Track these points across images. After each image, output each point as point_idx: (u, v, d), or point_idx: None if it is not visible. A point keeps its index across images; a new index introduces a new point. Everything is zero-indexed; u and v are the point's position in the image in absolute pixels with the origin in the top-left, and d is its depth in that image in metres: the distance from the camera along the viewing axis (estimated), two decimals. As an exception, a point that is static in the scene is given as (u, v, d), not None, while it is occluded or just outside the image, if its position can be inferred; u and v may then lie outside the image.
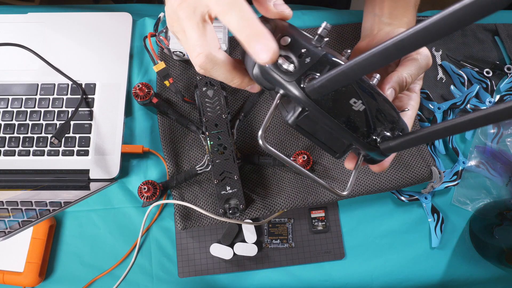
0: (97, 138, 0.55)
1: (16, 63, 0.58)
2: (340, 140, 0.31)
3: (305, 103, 0.28)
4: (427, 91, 0.60)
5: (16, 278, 0.49)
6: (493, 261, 0.54)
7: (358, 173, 0.53)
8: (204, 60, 0.29)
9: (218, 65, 0.30)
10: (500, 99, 0.60)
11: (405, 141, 0.28)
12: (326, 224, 0.54)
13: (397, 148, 0.29)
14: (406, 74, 0.38)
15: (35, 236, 0.50)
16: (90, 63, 0.58)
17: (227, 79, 0.31)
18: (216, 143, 0.51)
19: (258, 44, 0.26)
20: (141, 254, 0.53)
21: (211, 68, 0.30)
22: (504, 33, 0.65)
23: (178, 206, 0.52)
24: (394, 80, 0.37)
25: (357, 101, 0.29)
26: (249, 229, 0.53)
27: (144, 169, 0.56)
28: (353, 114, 0.29)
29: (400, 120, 0.33)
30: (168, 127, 0.56)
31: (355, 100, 0.29)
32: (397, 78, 0.37)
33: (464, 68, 0.62)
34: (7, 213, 0.41)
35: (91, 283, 0.51)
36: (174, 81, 0.57)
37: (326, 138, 0.31)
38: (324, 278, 0.53)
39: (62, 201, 0.44)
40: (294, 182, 0.54)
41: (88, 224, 0.53)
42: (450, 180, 0.57)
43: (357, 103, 0.29)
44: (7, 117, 0.55)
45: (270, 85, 0.29)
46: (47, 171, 0.53)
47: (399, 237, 0.55)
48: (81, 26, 0.60)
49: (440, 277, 0.54)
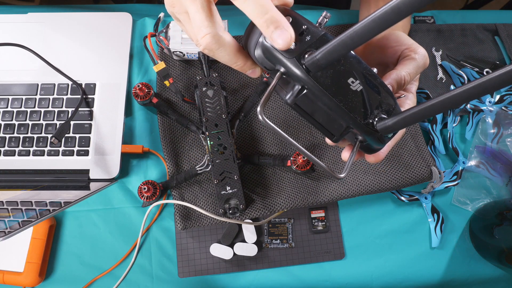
0: (97, 138, 0.55)
1: (16, 63, 0.58)
2: (337, 121, 0.31)
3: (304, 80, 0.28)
4: (427, 91, 0.60)
5: (16, 278, 0.49)
6: (493, 261, 0.54)
7: (360, 172, 0.54)
8: (211, 40, 0.29)
9: (224, 46, 0.30)
10: (500, 99, 0.60)
11: (402, 119, 0.28)
12: (326, 224, 0.54)
13: (395, 127, 0.29)
14: (404, 73, 0.38)
15: (35, 236, 0.50)
16: (90, 63, 0.58)
17: (231, 60, 0.31)
18: (216, 143, 0.51)
19: (277, 30, 0.27)
20: (141, 254, 0.53)
21: (216, 49, 0.30)
22: (504, 33, 0.65)
23: (178, 206, 0.52)
24: (393, 78, 0.37)
25: (354, 81, 0.29)
26: (249, 229, 0.53)
27: (144, 169, 0.56)
28: (351, 94, 0.29)
29: (397, 106, 0.33)
30: (168, 127, 0.56)
31: (352, 80, 0.29)
32: (395, 76, 0.37)
33: (464, 68, 0.62)
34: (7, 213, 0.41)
35: (91, 283, 0.51)
36: (174, 81, 0.57)
37: (324, 119, 0.31)
38: (324, 278, 0.53)
39: (62, 201, 0.44)
40: (294, 182, 0.54)
41: (88, 224, 0.53)
42: (450, 180, 0.57)
43: (355, 83, 0.30)
44: (7, 117, 0.55)
45: (271, 64, 0.30)
46: (47, 171, 0.53)
47: (399, 237, 0.55)
48: (81, 26, 0.60)
49: (440, 277, 0.54)
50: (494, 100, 0.60)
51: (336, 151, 0.56)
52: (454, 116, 0.60)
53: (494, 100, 0.60)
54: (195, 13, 0.29)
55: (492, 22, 0.67)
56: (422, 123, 0.59)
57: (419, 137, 0.56)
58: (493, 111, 0.59)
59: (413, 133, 0.57)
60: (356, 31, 0.23)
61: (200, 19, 0.29)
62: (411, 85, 0.42)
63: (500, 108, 0.60)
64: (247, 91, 0.59)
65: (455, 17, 0.68)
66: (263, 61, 0.30)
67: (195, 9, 0.29)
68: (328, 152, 0.56)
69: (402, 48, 0.41)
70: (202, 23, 0.29)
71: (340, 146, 0.34)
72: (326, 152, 0.56)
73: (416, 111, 0.26)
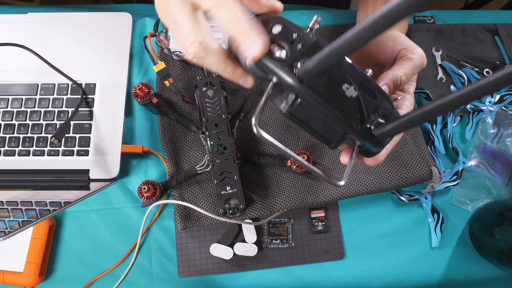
0: (97, 138, 0.55)
1: (16, 63, 0.58)
2: (334, 128, 0.30)
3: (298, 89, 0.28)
4: (427, 91, 0.60)
5: (16, 278, 0.49)
6: (493, 261, 0.54)
7: (360, 172, 0.54)
8: (197, 47, 0.29)
9: (212, 53, 0.30)
10: (500, 99, 0.60)
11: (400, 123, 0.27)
12: (326, 224, 0.54)
13: (392, 132, 0.29)
14: (400, 73, 0.38)
15: (35, 236, 0.50)
16: (90, 63, 0.58)
17: (220, 68, 0.31)
18: (216, 143, 0.51)
19: (248, 40, 0.27)
20: (141, 254, 0.53)
21: (204, 56, 0.30)
22: (504, 33, 0.65)
23: (178, 206, 0.52)
24: (389, 78, 0.37)
25: (349, 86, 0.29)
26: (249, 229, 0.53)
27: (144, 169, 0.56)
28: (346, 100, 0.29)
29: (394, 109, 0.32)
30: (168, 127, 0.56)
31: (347, 86, 0.29)
32: (391, 76, 0.37)
33: (464, 68, 0.62)
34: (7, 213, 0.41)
35: (91, 283, 0.51)
36: (174, 81, 0.57)
37: (320, 127, 0.31)
38: (324, 278, 0.53)
39: (62, 201, 0.44)
40: (294, 182, 0.54)
41: (88, 224, 0.53)
42: (450, 180, 0.57)
43: (350, 89, 0.29)
44: (7, 117, 0.55)
45: (263, 74, 0.29)
46: (47, 171, 0.53)
47: (399, 237, 0.55)
48: (81, 26, 0.60)
49: (440, 277, 0.54)
50: (494, 100, 0.60)
51: (335, 152, 0.56)
52: (454, 116, 0.60)
53: (494, 100, 0.60)
54: (182, 21, 0.29)
55: (492, 22, 0.66)
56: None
57: (419, 137, 0.56)
58: (493, 111, 0.59)
59: (413, 133, 0.57)
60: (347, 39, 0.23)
61: (188, 27, 0.29)
62: (408, 85, 0.41)
63: (500, 108, 0.60)
64: (247, 91, 0.59)
65: (455, 17, 0.68)
66: (255, 71, 0.29)
67: (183, 18, 0.29)
68: (327, 153, 0.56)
69: (399, 48, 0.41)
70: (189, 30, 0.29)
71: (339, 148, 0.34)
72: (326, 153, 0.56)
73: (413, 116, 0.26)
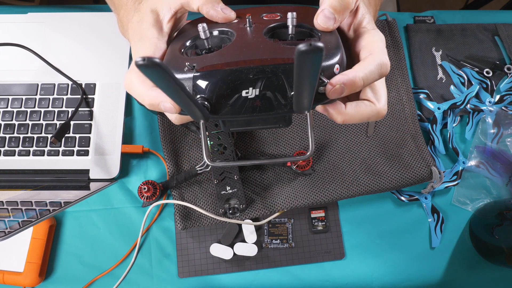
0: (97, 138, 0.55)
1: (16, 63, 0.58)
2: (270, 119, 0.32)
3: (212, 120, 0.29)
4: (427, 91, 0.60)
5: (16, 278, 0.49)
6: (493, 261, 0.54)
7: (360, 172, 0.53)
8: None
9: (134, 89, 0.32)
10: (500, 99, 0.60)
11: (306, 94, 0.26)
12: (326, 224, 0.54)
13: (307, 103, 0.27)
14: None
15: (35, 236, 0.50)
16: (90, 63, 0.58)
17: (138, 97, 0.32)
18: (216, 143, 0.51)
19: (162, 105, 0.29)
20: (141, 254, 0.53)
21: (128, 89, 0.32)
22: (504, 33, 0.65)
23: (178, 206, 0.52)
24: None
25: (249, 90, 0.28)
26: (249, 229, 0.53)
27: (144, 169, 0.56)
28: (256, 99, 0.28)
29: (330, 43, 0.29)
30: (168, 127, 0.56)
31: (246, 90, 0.28)
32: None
33: (464, 68, 0.62)
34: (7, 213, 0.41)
35: (91, 283, 0.51)
36: (174, 81, 0.56)
37: (260, 123, 0.32)
38: (324, 278, 0.53)
39: (62, 201, 0.44)
40: (294, 182, 0.54)
41: (88, 224, 0.53)
42: (450, 180, 0.57)
43: (250, 91, 0.28)
44: (7, 117, 0.55)
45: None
46: (47, 171, 0.53)
47: (399, 237, 0.55)
48: (81, 26, 0.60)
49: (440, 277, 0.54)
50: (494, 100, 0.60)
51: (334, 153, 0.56)
52: (454, 116, 0.60)
53: (494, 100, 0.60)
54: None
55: (492, 22, 0.66)
56: (422, 123, 0.59)
57: (419, 137, 0.56)
58: (493, 111, 0.59)
59: (413, 133, 0.57)
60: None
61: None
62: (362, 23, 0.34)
63: (500, 108, 0.60)
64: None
65: (455, 17, 0.68)
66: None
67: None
68: (326, 155, 0.56)
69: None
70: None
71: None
72: (324, 154, 0.56)
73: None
